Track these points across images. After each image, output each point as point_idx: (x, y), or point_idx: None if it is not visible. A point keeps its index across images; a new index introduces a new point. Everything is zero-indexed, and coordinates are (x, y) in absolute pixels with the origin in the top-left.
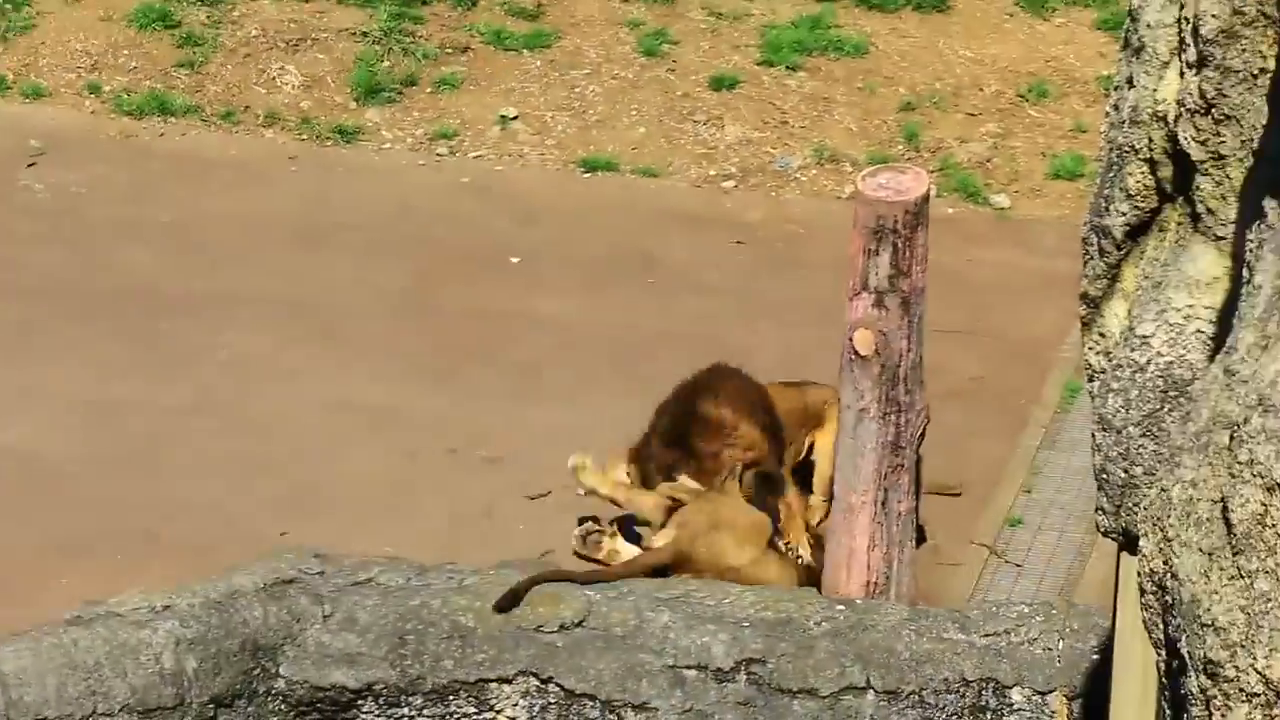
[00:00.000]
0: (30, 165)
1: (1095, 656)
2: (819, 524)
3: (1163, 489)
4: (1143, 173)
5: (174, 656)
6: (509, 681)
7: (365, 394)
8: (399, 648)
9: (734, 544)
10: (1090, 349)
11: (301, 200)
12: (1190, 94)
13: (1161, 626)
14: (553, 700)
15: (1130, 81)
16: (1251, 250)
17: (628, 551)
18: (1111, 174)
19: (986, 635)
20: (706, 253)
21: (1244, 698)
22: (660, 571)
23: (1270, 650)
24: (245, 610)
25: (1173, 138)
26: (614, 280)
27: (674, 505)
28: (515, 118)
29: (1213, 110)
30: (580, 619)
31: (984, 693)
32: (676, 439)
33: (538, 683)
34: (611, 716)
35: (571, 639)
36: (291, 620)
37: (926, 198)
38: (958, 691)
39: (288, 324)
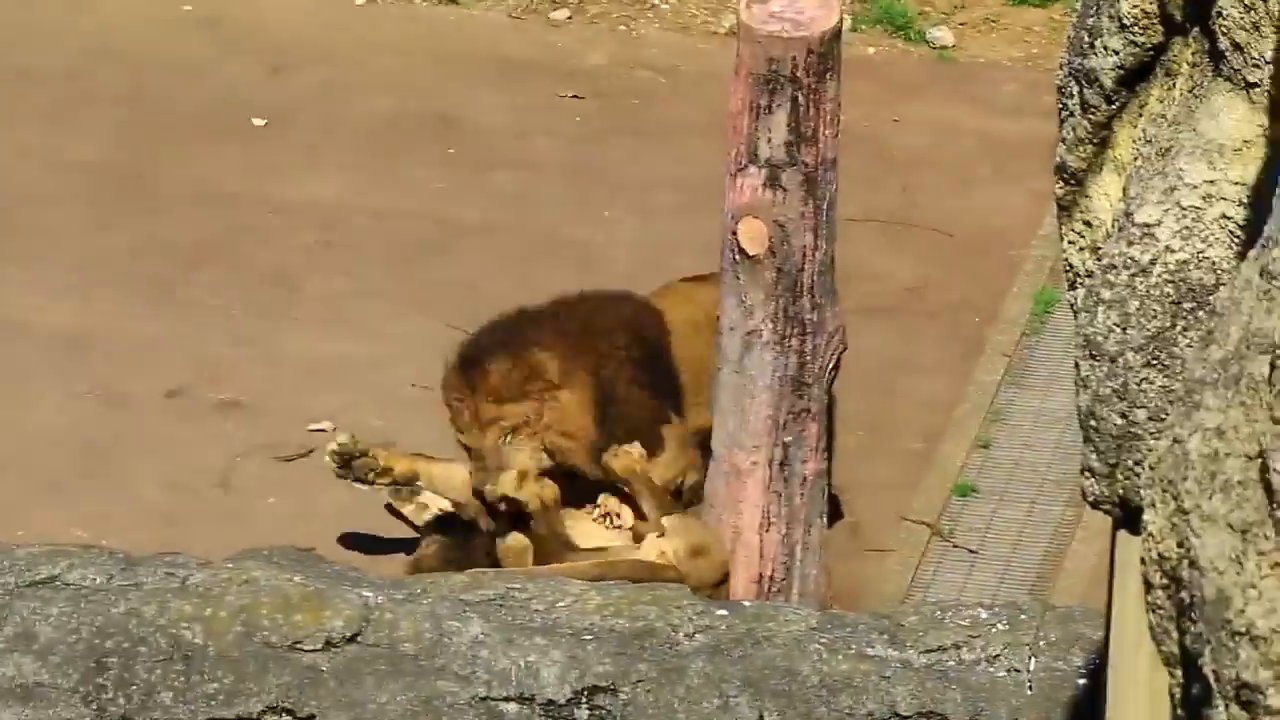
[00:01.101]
0: None
1: (1082, 680)
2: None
3: (1176, 440)
4: None
5: None
6: None
7: (47, 313)
8: (96, 675)
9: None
10: (1071, 244)
11: None
12: None
13: (1175, 636)
14: None
15: None
16: None
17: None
18: None
19: (927, 651)
20: (529, 112)
21: None
22: None
23: None
24: None
25: None
26: (398, 151)
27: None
28: None
29: None
30: (355, 631)
31: None
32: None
33: None
34: None
35: (343, 660)
36: None
37: (838, 32)
38: None
39: None
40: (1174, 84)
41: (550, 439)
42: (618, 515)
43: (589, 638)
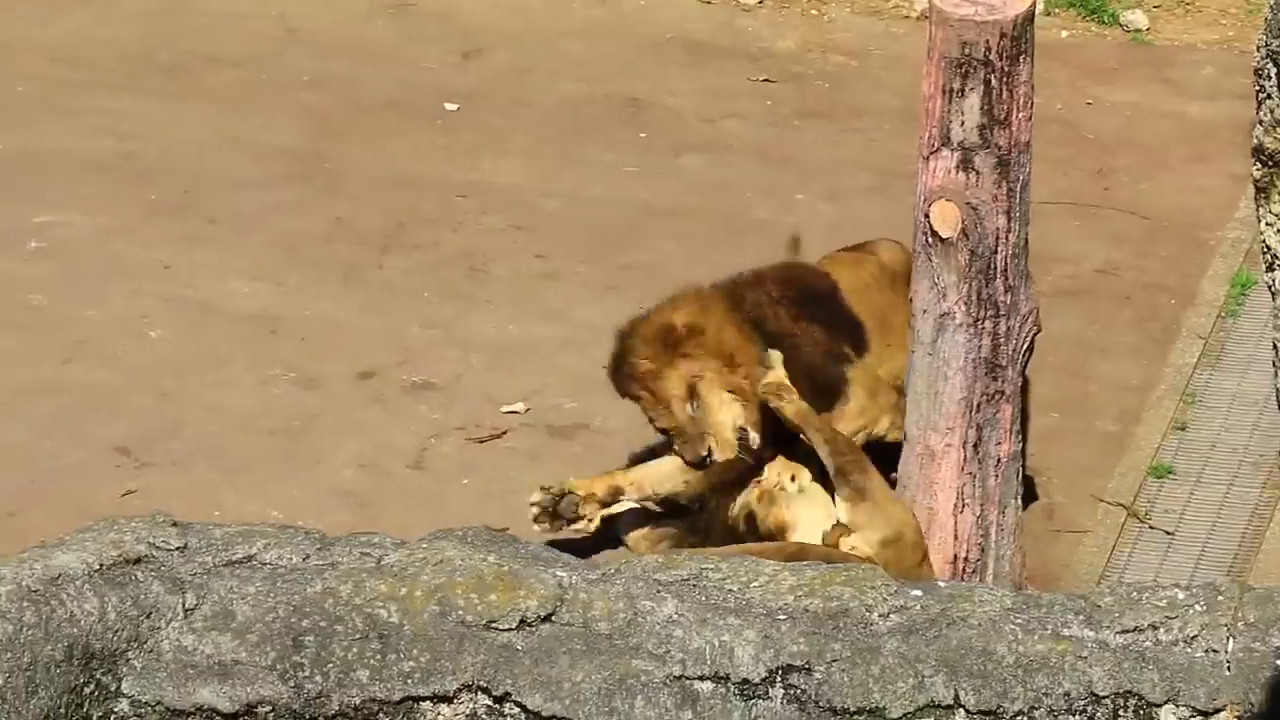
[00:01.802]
0: None
1: None
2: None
3: None
4: None
5: None
6: (449, 700)
7: (240, 297)
8: (292, 653)
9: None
10: (1269, 226)
11: (145, 24)
12: None
13: None
14: None
15: None
16: None
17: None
18: None
19: (1124, 632)
20: (719, 96)
21: None
22: None
23: None
24: (73, 602)
25: None
26: (588, 134)
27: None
28: None
29: None
30: (549, 611)
31: (1121, 712)
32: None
33: (489, 701)
34: None
35: (537, 639)
36: (139, 615)
37: (1031, 16)
38: (1083, 711)
39: (127, 199)
40: None
41: (726, 380)
42: (792, 479)
43: (783, 617)
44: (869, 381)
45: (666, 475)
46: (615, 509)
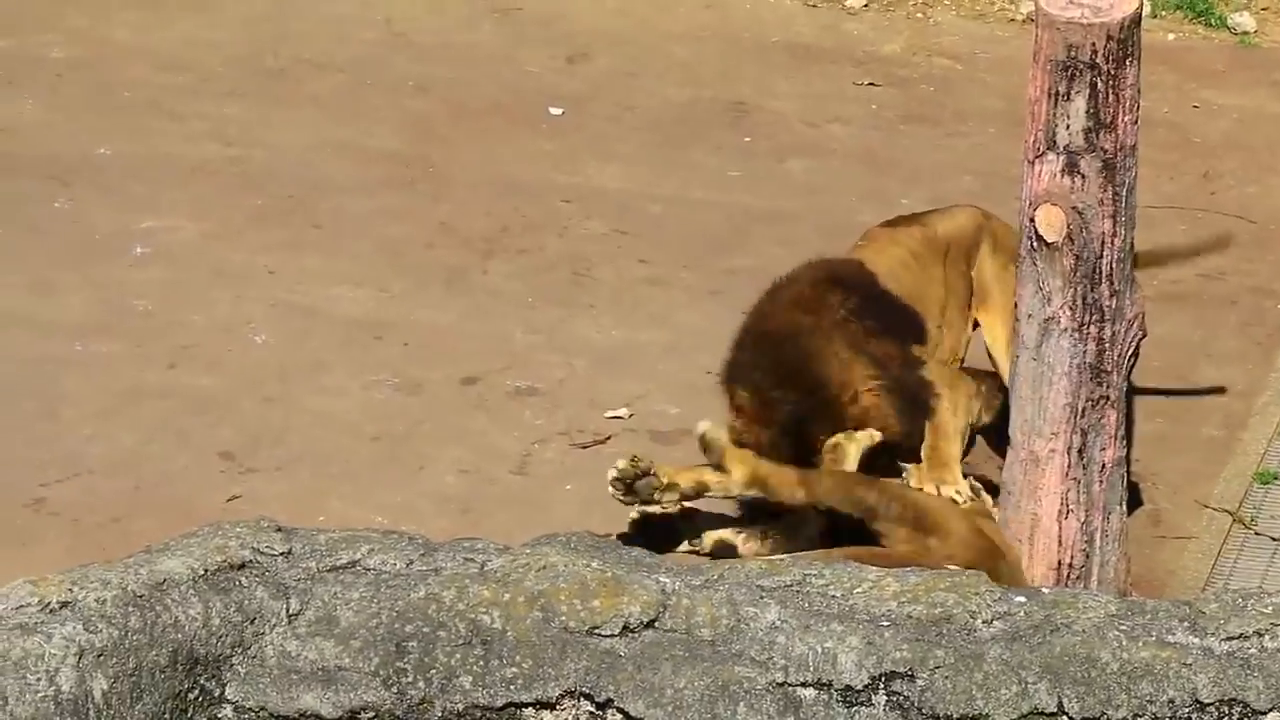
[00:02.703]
0: None
1: None
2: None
3: None
4: None
5: (75, 674)
6: (551, 706)
7: (343, 302)
8: (396, 659)
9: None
10: None
11: (251, 30)
12: None
13: None
14: None
15: None
16: None
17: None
18: None
19: (1230, 639)
20: (823, 99)
21: None
22: None
23: None
24: (177, 607)
25: None
26: (692, 138)
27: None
28: None
29: None
30: (652, 617)
31: (1226, 719)
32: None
33: (592, 707)
34: None
35: (640, 645)
36: (243, 621)
37: (1138, 19)
38: (1187, 718)
39: (230, 204)
40: None
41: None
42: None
43: (886, 624)
44: (945, 375)
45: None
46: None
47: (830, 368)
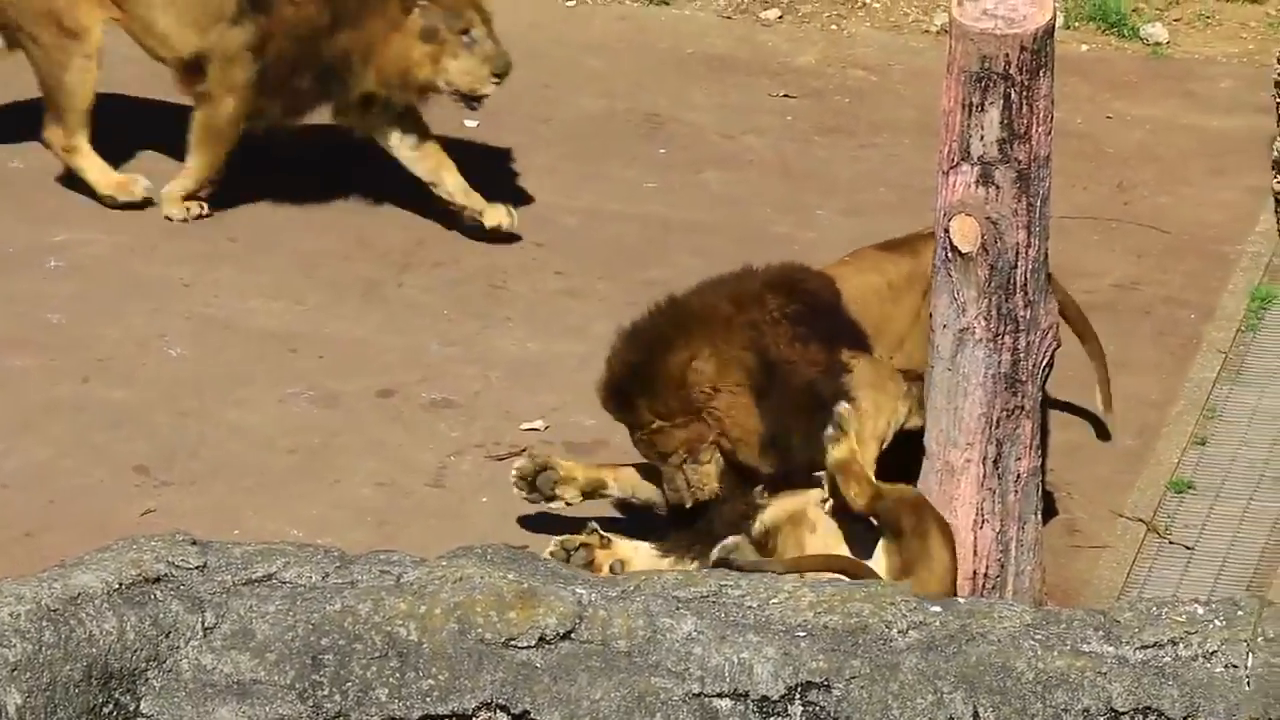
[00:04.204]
0: None
1: None
2: None
3: None
4: None
5: None
6: (468, 718)
7: (259, 314)
8: (312, 672)
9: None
10: None
11: None
12: None
13: None
14: None
15: None
16: None
17: (641, 557)
18: None
19: (1144, 647)
20: (739, 111)
21: None
22: None
23: None
24: (91, 622)
25: None
26: (608, 151)
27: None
28: None
29: None
30: (568, 628)
31: None
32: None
33: (508, 719)
34: None
35: (556, 657)
36: (158, 635)
37: (1051, 29)
38: None
39: (147, 217)
40: None
41: (723, 442)
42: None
43: (802, 634)
44: (872, 375)
45: (650, 483)
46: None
47: (686, 355)
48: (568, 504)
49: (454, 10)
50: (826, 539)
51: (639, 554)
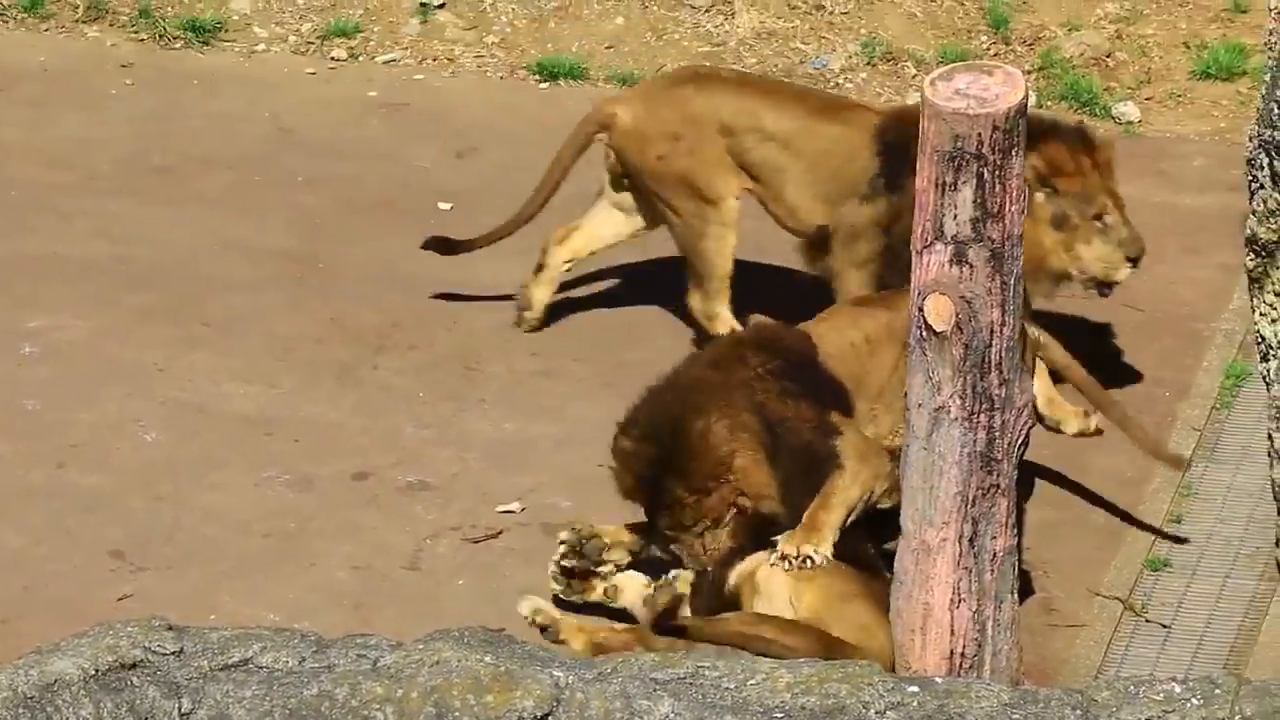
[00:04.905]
0: None
1: None
2: None
3: None
4: None
5: None
6: None
7: (233, 398)
8: None
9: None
10: (1262, 316)
11: (139, 126)
12: None
13: None
14: None
15: None
16: None
17: (633, 585)
18: None
19: None
20: None
21: None
22: None
23: None
24: (68, 709)
25: None
26: None
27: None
28: (441, 5)
29: None
30: (546, 711)
31: None
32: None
33: None
34: None
35: None
36: None
37: (1023, 109)
38: None
39: (119, 302)
40: None
41: (742, 502)
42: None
43: (780, 715)
44: (858, 446)
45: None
46: (591, 591)
47: (701, 425)
48: (618, 569)
49: (1086, 196)
50: (772, 601)
51: (631, 581)
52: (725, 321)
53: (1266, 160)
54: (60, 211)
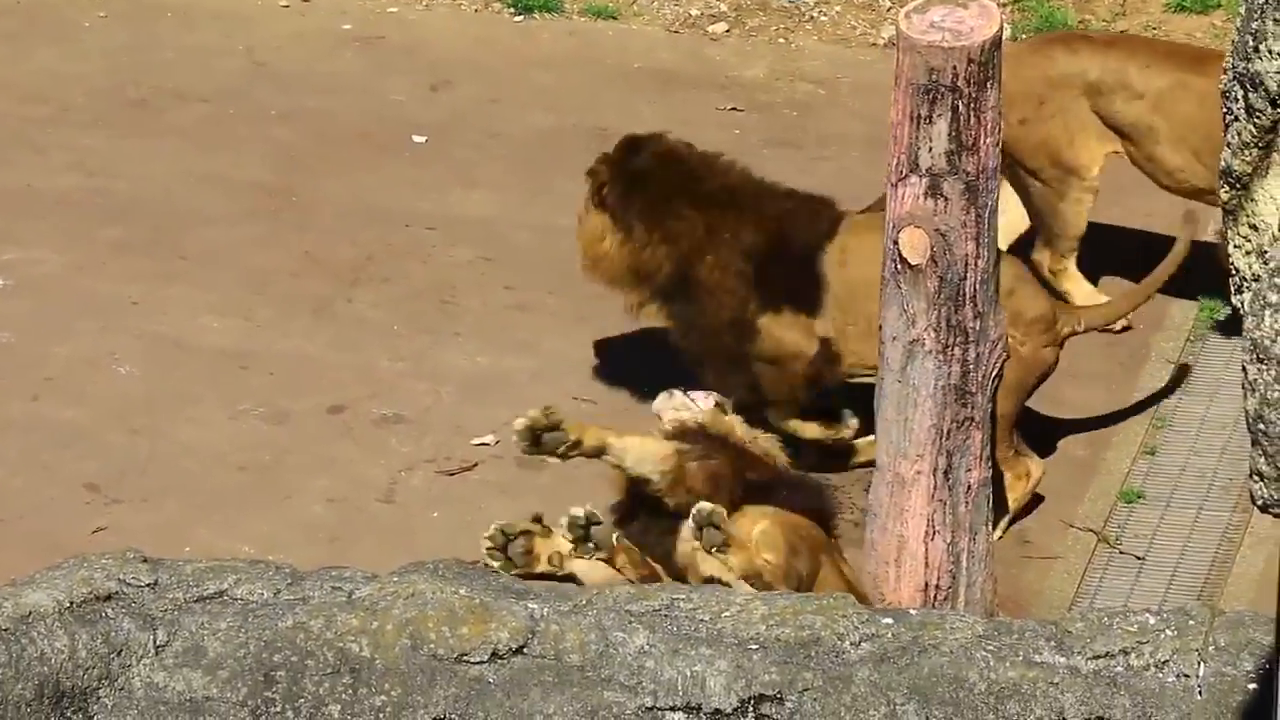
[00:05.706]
0: None
1: (1252, 685)
2: None
3: None
4: None
5: None
6: None
7: (209, 332)
8: (264, 689)
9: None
10: (1237, 247)
11: (112, 60)
12: None
13: None
14: None
15: None
16: None
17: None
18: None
19: (1095, 658)
20: (687, 125)
21: None
22: None
23: None
24: (43, 640)
25: None
26: (558, 166)
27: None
28: None
29: None
30: (521, 643)
31: None
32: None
33: None
34: None
35: (508, 672)
36: (110, 653)
37: (998, 41)
38: None
39: (94, 235)
40: None
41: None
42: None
43: (755, 647)
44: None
45: (648, 458)
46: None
47: (707, 223)
48: (564, 461)
49: None
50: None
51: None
52: (1071, 278)
53: (1241, 93)
54: (35, 145)
